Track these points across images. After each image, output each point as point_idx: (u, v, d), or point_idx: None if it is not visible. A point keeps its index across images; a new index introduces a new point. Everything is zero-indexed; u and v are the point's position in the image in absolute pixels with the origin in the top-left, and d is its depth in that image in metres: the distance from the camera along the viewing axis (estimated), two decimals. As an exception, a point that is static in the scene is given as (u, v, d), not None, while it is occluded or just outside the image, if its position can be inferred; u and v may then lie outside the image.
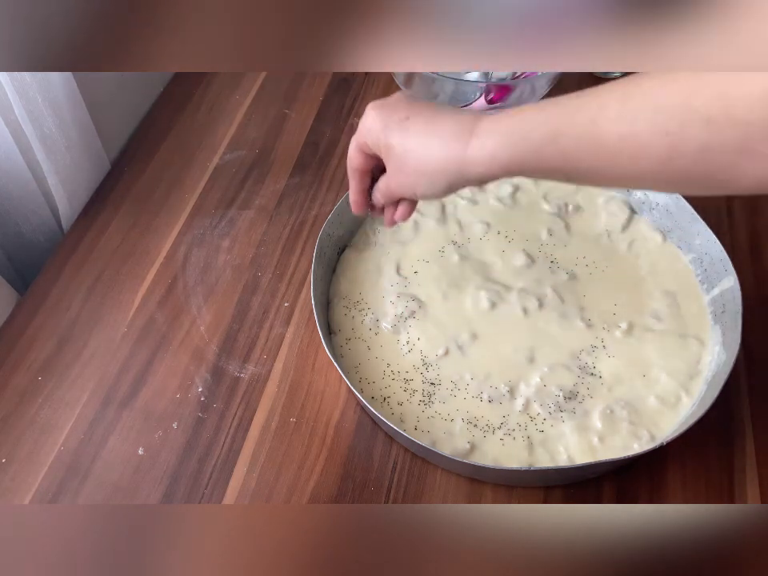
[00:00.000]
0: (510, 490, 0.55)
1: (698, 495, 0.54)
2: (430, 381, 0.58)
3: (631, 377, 0.58)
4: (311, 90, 0.84)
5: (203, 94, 0.84)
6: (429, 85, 0.75)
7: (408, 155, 0.46)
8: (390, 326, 0.61)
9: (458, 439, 0.55)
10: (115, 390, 0.60)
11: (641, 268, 0.65)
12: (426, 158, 0.45)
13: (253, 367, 0.61)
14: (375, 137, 0.48)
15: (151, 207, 0.73)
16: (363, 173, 0.52)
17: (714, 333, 0.60)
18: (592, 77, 0.85)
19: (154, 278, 0.67)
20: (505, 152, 0.42)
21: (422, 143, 0.46)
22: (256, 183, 0.75)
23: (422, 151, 0.46)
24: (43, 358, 0.62)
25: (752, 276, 0.66)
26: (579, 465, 0.53)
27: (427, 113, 0.46)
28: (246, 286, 0.67)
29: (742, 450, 0.56)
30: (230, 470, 0.56)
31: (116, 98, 0.78)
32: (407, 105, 0.47)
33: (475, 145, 0.43)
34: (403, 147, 0.46)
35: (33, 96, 0.61)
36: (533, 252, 0.66)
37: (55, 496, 0.54)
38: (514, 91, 0.73)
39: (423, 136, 0.45)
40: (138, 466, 0.56)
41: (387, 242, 0.67)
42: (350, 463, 0.56)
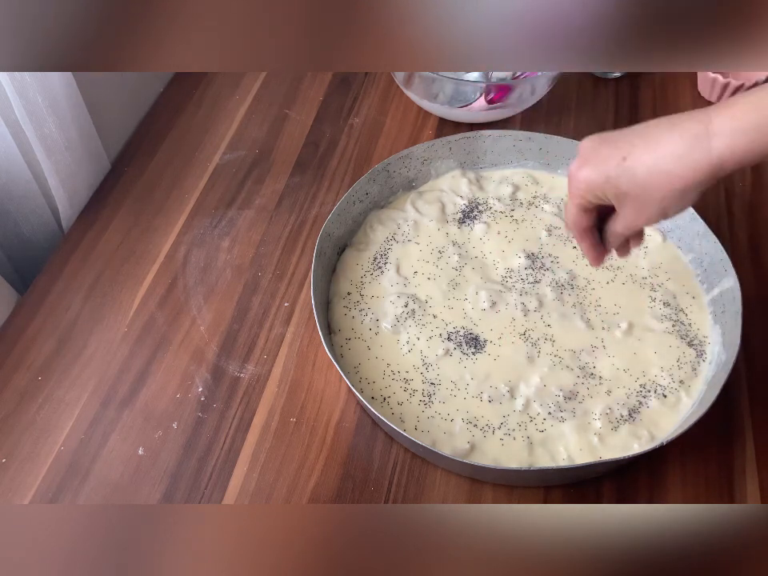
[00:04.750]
0: (510, 489, 0.55)
1: (697, 495, 0.54)
2: (430, 381, 0.58)
3: (631, 377, 0.58)
4: (311, 90, 0.84)
5: (203, 94, 0.84)
6: (429, 85, 0.75)
7: (648, 191, 0.44)
8: (389, 326, 0.61)
9: (457, 439, 0.55)
10: (115, 389, 0.60)
11: (641, 268, 0.65)
12: (670, 182, 0.43)
13: (253, 367, 0.61)
14: (600, 192, 0.47)
15: (151, 207, 0.73)
16: (592, 229, 0.51)
17: (714, 333, 0.60)
18: (592, 77, 0.85)
19: (154, 278, 0.67)
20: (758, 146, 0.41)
21: (658, 174, 0.44)
22: (256, 183, 0.75)
23: (663, 180, 0.44)
24: (43, 358, 0.62)
25: (752, 276, 0.66)
26: (579, 465, 0.53)
27: (639, 143, 0.44)
28: (245, 286, 0.67)
29: (742, 450, 0.56)
30: (230, 470, 0.56)
31: (116, 98, 0.78)
32: (612, 147, 0.46)
33: (720, 147, 0.42)
34: (638, 187, 0.45)
35: (33, 96, 0.61)
36: (533, 252, 0.66)
37: (55, 496, 0.54)
38: (513, 91, 0.73)
39: (654, 167, 0.44)
40: (138, 465, 0.56)
41: (387, 241, 0.67)
42: (350, 463, 0.56)
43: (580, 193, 0.48)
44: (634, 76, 0.85)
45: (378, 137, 0.79)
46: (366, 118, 0.81)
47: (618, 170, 0.45)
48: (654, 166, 0.43)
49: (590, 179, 0.46)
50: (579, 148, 0.48)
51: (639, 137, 0.45)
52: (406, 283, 0.64)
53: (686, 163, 0.42)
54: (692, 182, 0.43)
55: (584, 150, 0.48)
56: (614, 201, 0.47)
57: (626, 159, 0.44)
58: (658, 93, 0.83)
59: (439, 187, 0.71)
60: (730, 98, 0.43)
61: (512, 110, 0.76)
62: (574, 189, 0.48)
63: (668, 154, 0.43)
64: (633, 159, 0.44)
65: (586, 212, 0.49)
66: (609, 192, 0.46)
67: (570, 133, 0.77)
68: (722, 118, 0.42)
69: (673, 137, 0.43)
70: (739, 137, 0.41)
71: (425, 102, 0.77)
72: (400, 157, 0.68)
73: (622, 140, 0.46)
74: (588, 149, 0.47)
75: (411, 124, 0.80)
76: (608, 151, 0.45)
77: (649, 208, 0.46)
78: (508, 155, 0.72)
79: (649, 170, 0.44)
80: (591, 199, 0.48)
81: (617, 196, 0.46)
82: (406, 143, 0.78)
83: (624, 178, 0.45)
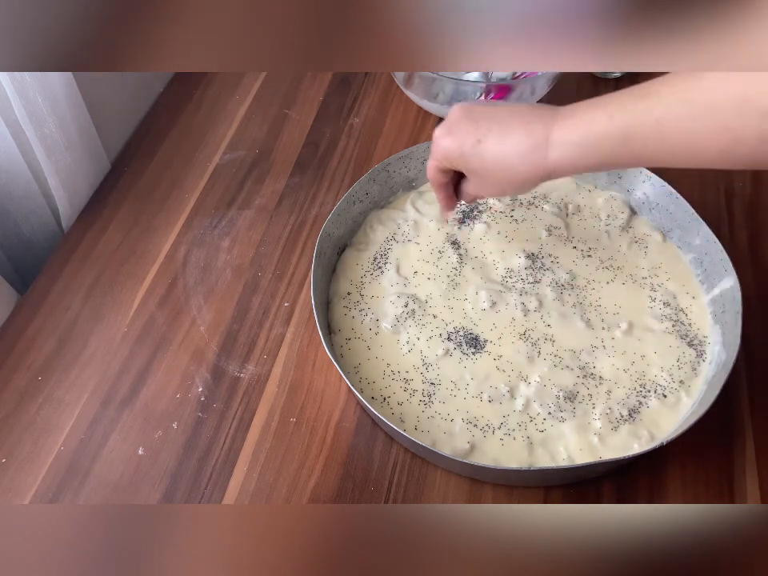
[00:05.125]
0: (510, 489, 0.55)
1: (697, 495, 0.54)
2: (430, 381, 0.58)
3: (631, 377, 0.58)
4: (311, 90, 0.84)
5: (203, 94, 0.84)
6: (429, 85, 0.75)
7: (492, 174, 0.51)
8: (389, 326, 0.61)
9: (457, 439, 0.55)
10: (115, 390, 0.60)
11: (641, 268, 0.65)
12: (510, 173, 0.50)
13: (253, 367, 0.61)
14: (454, 162, 0.53)
15: (151, 207, 0.73)
16: (448, 185, 0.57)
17: (714, 333, 0.60)
18: (592, 77, 0.85)
19: (154, 278, 0.67)
20: (582, 160, 0.47)
21: (502, 163, 0.50)
22: (256, 183, 0.75)
23: (505, 170, 0.50)
24: (43, 358, 0.62)
25: (752, 276, 0.66)
26: (579, 465, 0.53)
27: (495, 131, 0.50)
28: (246, 286, 0.67)
29: (742, 450, 0.56)
30: (230, 470, 0.56)
31: (116, 98, 0.78)
32: (473, 126, 0.51)
33: (553, 156, 0.47)
34: (485, 169, 0.51)
35: (33, 96, 0.61)
36: (533, 252, 0.66)
37: (55, 496, 0.54)
38: (513, 91, 0.73)
39: (500, 157, 0.50)
40: (138, 465, 0.56)
41: (387, 241, 0.67)
42: (350, 463, 0.56)
43: (438, 157, 0.54)
44: (634, 76, 0.85)
45: (377, 137, 0.79)
46: (365, 118, 0.81)
47: (471, 150, 0.50)
48: (499, 157, 0.50)
49: (448, 150, 0.52)
50: (449, 112, 0.53)
51: (498, 124, 0.50)
52: (405, 283, 0.64)
53: (525, 163, 0.48)
54: (526, 179, 0.50)
55: (451, 118, 0.53)
56: (464, 171, 0.53)
57: (480, 142, 0.50)
58: (658, 93, 0.83)
59: (439, 187, 0.71)
60: (578, 104, 0.48)
61: (512, 110, 0.76)
62: (435, 152, 0.54)
63: (513, 151, 0.49)
64: (485, 144, 0.50)
65: (442, 172, 0.55)
66: (461, 165, 0.52)
67: (569, 133, 0.77)
68: (560, 129, 0.47)
69: (521, 136, 0.48)
70: (569, 149, 0.47)
71: (425, 102, 0.77)
72: (400, 157, 0.68)
73: (483, 120, 0.51)
74: (455, 119, 0.52)
75: (411, 124, 0.80)
76: (469, 128, 0.51)
77: (489, 187, 0.53)
78: (508, 155, 0.72)
79: (495, 159, 0.50)
80: (447, 165, 0.54)
81: (467, 170, 0.53)
82: (406, 143, 0.78)
83: (475, 159, 0.51)
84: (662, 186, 0.66)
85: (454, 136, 0.52)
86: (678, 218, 0.65)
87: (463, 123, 0.51)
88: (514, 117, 0.50)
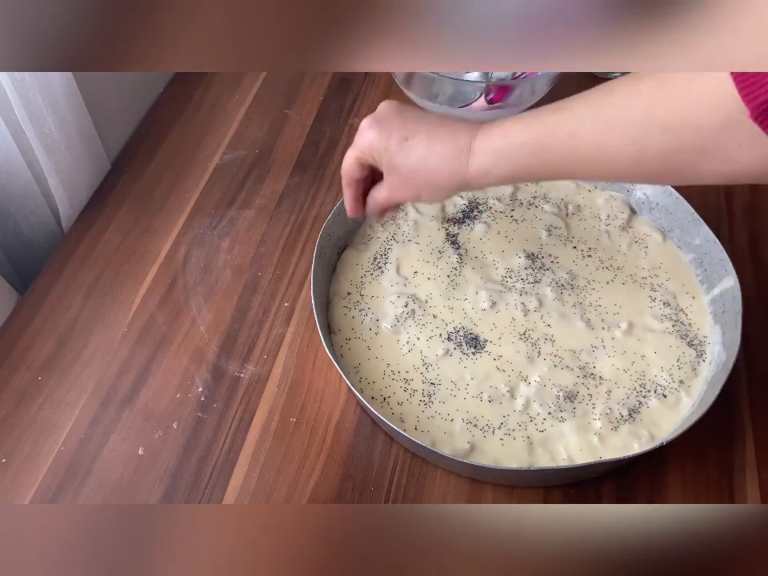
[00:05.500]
0: (510, 489, 0.55)
1: (697, 495, 0.54)
2: (430, 381, 0.58)
3: (631, 377, 0.58)
4: (311, 90, 0.84)
5: (203, 94, 0.84)
6: (429, 85, 0.75)
7: (413, 174, 0.51)
8: (389, 325, 0.61)
9: (458, 439, 0.55)
10: (115, 390, 0.60)
11: (641, 268, 0.65)
12: (431, 175, 0.50)
13: (253, 367, 0.61)
14: (377, 155, 0.52)
15: (151, 207, 0.73)
16: (360, 182, 0.56)
17: (714, 333, 0.60)
18: (592, 77, 0.85)
19: (154, 278, 0.67)
20: (497, 168, 0.48)
21: (425, 164, 0.50)
22: (256, 183, 0.75)
23: (427, 171, 0.50)
24: (43, 358, 0.62)
25: (752, 276, 0.66)
26: (579, 465, 0.53)
27: (423, 131, 0.50)
28: (246, 286, 0.67)
29: (742, 451, 0.56)
30: (230, 470, 0.56)
31: (116, 98, 0.78)
32: (402, 123, 0.51)
33: (473, 163, 0.48)
34: (407, 167, 0.51)
35: (33, 96, 0.61)
36: (533, 252, 0.66)
37: (55, 496, 0.54)
38: (514, 91, 0.73)
39: (425, 157, 0.50)
40: (138, 465, 0.56)
41: (387, 241, 0.67)
42: (350, 463, 0.56)
43: (362, 147, 0.52)
44: (634, 76, 0.84)
45: (378, 137, 0.79)
46: (366, 118, 0.81)
47: (397, 146, 0.50)
48: (425, 157, 0.50)
49: (374, 141, 0.51)
50: (379, 107, 0.53)
51: (426, 126, 0.50)
52: (405, 283, 0.64)
53: (447, 168, 0.49)
54: (447, 184, 0.50)
55: (380, 112, 0.52)
56: (385, 169, 0.52)
57: (408, 140, 0.50)
58: (658, 93, 0.83)
59: (439, 187, 0.71)
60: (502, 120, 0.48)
61: (512, 110, 0.76)
62: (359, 142, 0.53)
63: (439, 155, 0.49)
64: (412, 143, 0.50)
65: (359, 166, 0.54)
66: (383, 159, 0.51)
67: (569, 133, 0.77)
68: (480, 138, 0.48)
69: (448, 142, 0.49)
70: (485, 156, 0.48)
71: (425, 101, 0.77)
72: (400, 157, 0.68)
73: (412, 121, 0.51)
74: (384, 113, 0.52)
75: (411, 124, 0.80)
76: (398, 125, 0.51)
77: (408, 188, 0.52)
78: (508, 155, 0.72)
79: (419, 159, 0.50)
80: (368, 158, 0.52)
81: (388, 166, 0.51)
82: (405, 143, 0.78)
83: (400, 156, 0.50)
84: (662, 186, 0.66)
85: (381, 129, 0.51)
86: (678, 218, 0.65)
87: (393, 119, 0.51)
88: (443, 124, 0.50)
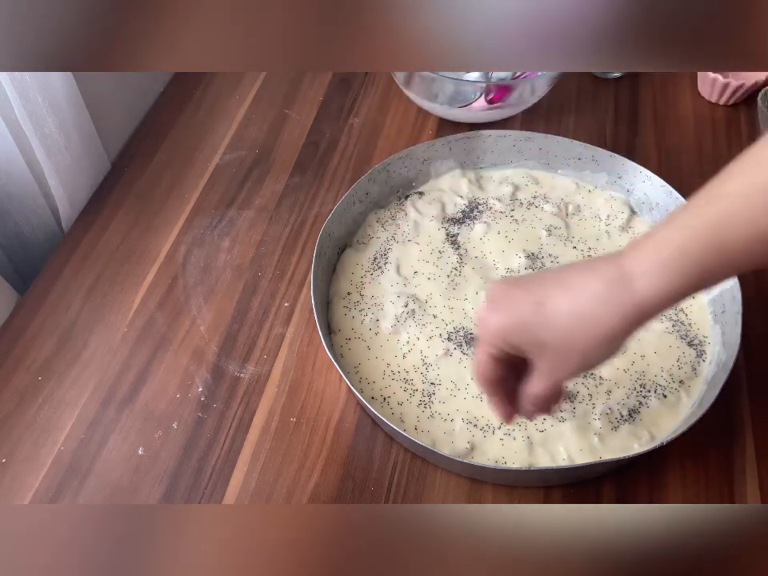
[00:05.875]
0: (510, 489, 0.55)
1: (698, 495, 0.54)
2: (430, 381, 0.58)
3: (631, 377, 0.58)
4: (311, 90, 0.84)
5: (203, 94, 0.84)
6: (429, 85, 0.75)
7: (569, 340, 0.40)
8: (389, 325, 0.61)
9: (458, 439, 0.55)
10: (115, 390, 0.60)
11: (641, 268, 0.65)
12: (592, 330, 0.40)
13: (253, 367, 0.61)
14: (514, 340, 0.42)
15: (151, 207, 0.73)
16: (503, 382, 0.45)
17: (714, 333, 0.60)
18: (592, 77, 0.85)
19: (154, 278, 0.67)
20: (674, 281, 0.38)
21: (578, 320, 0.40)
22: (256, 183, 0.75)
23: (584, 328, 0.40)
24: (43, 358, 0.62)
25: (752, 276, 0.65)
26: (579, 465, 0.53)
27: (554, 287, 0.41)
28: (246, 286, 0.67)
29: (742, 450, 0.56)
30: (230, 470, 0.55)
31: (116, 98, 0.78)
32: (525, 292, 0.42)
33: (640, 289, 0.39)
34: (558, 336, 0.40)
35: (33, 96, 0.61)
36: (533, 252, 0.66)
37: (55, 496, 0.54)
38: (514, 91, 0.73)
39: (575, 314, 0.40)
40: (138, 466, 0.56)
41: (387, 241, 0.67)
42: (350, 463, 0.56)
43: (492, 341, 0.43)
44: (634, 76, 0.85)
45: (377, 137, 0.79)
46: (365, 118, 0.81)
47: (535, 317, 0.41)
48: (574, 310, 0.40)
49: (504, 326, 0.42)
50: (488, 291, 0.45)
51: (553, 281, 0.42)
52: (406, 283, 0.64)
53: (609, 307, 0.39)
54: (618, 328, 0.39)
55: (494, 294, 0.44)
56: (531, 351, 0.42)
57: (543, 305, 0.40)
58: (658, 93, 0.83)
59: (439, 187, 0.71)
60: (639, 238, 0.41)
61: (512, 110, 0.76)
62: (485, 336, 0.43)
63: (588, 298, 0.40)
64: (550, 304, 0.40)
65: (497, 362, 0.44)
66: (525, 340, 0.42)
67: (569, 133, 0.78)
68: (633, 259, 0.39)
69: (589, 280, 0.40)
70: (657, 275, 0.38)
71: (425, 102, 0.77)
72: (400, 157, 0.68)
73: (535, 284, 0.42)
74: (498, 293, 0.43)
75: (411, 124, 0.80)
76: (522, 295, 0.42)
77: (570, 358, 0.41)
78: (508, 155, 0.72)
79: (568, 316, 0.40)
80: (504, 347, 0.43)
81: (534, 345, 0.41)
82: (405, 143, 0.78)
83: (542, 326, 0.41)
84: (661, 186, 0.66)
85: (506, 310, 0.42)
86: (677, 218, 0.65)
87: (512, 293, 0.42)
88: (572, 269, 0.42)
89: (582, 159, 0.70)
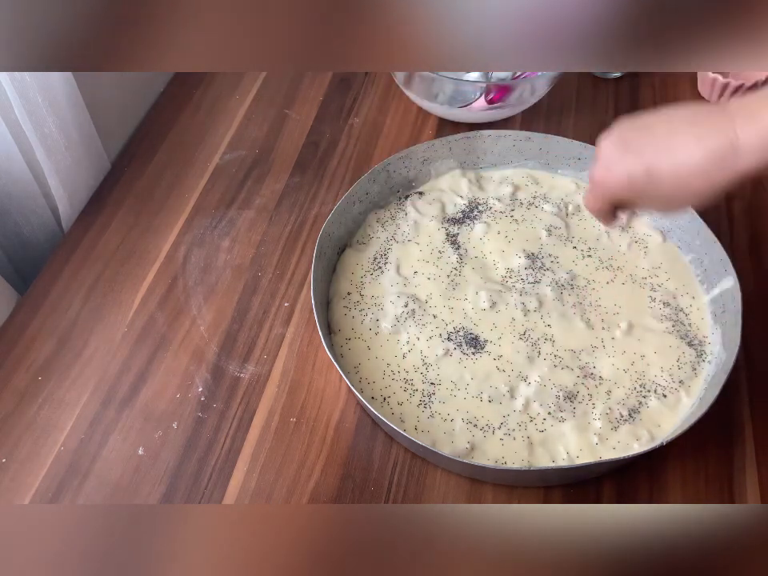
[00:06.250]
0: (510, 489, 0.55)
1: (697, 495, 0.54)
2: (430, 381, 0.58)
3: (631, 377, 0.58)
4: (311, 90, 0.84)
5: (203, 94, 0.84)
6: (429, 85, 0.75)
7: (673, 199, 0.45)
8: (389, 325, 0.61)
9: (458, 439, 0.55)
10: (115, 390, 0.60)
11: (641, 268, 0.65)
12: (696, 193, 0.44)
13: (253, 367, 0.61)
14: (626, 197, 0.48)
15: (151, 207, 0.73)
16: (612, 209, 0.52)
17: (714, 333, 0.60)
18: (592, 77, 0.85)
19: (154, 278, 0.67)
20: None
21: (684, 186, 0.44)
22: (256, 183, 0.75)
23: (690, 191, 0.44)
24: (43, 358, 0.62)
25: (752, 276, 0.66)
26: (579, 465, 0.53)
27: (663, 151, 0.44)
28: (246, 286, 0.67)
29: (742, 450, 0.56)
30: (230, 470, 0.56)
31: (116, 98, 0.78)
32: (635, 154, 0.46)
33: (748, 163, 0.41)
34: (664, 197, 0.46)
35: (33, 96, 0.61)
36: (533, 252, 0.66)
37: (55, 496, 0.54)
38: (514, 91, 0.73)
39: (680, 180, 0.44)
40: (138, 465, 0.56)
41: (387, 241, 0.67)
42: (350, 463, 0.56)
43: (608, 198, 0.49)
44: (634, 76, 0.85)
45: (377, 137, 0.79)
46: (365, 118, 0.81)
47: (643, 184, 0.45)
48: (677, 182, 0.44)
49: (616, 188, 0.47)
50: (600, 150, 0.48)
51: (663, 143, 0.44)
52: (406, 283, 0.64)
53: (711, 179, 0.43)
54: (714, 195, 0.44)
55: (605, 154, 0.48)
56: (635, 204, 0.49)
57: (652, 173, 0.44)
58: (658, 93, 0.83)
59: (439, 187, 0.71)
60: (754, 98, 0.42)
61: (512, 110, 0.76)
62: (602, 194, 0.49)
63: (693, 172, 0.43)
64: (658, 172, 0.44)
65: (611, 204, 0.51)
66: (634, 198, 0.48)
67: (569, 133, 0.78)
68: (749, 133, 0.41)
69: (696, 149, 0.42)
70: None
71: (425, 102, 0.77)
72: (400, 157, 0.68)
73: (645, 145, 0.45)
74: (608, 153, 0.47)
75: (411, 124, 0.80)
76: (632, 160, 0.46)
77: (669, 209, 0.49)
78: (508, 155, 0.72)
79: (672, 186, 0.44)
80: (617, 201, 0.49)
81: (642, 200, 0.48)
82: (405, 143, 0.78)
83: (650, 191, 0.46)
84: (661, 186, 0.66)
85: (617, 172, 0.47)
86: (678, 218, 0.65)
87: (624, 157, 0.46)
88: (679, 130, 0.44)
89: (582, 159, 0.70)
